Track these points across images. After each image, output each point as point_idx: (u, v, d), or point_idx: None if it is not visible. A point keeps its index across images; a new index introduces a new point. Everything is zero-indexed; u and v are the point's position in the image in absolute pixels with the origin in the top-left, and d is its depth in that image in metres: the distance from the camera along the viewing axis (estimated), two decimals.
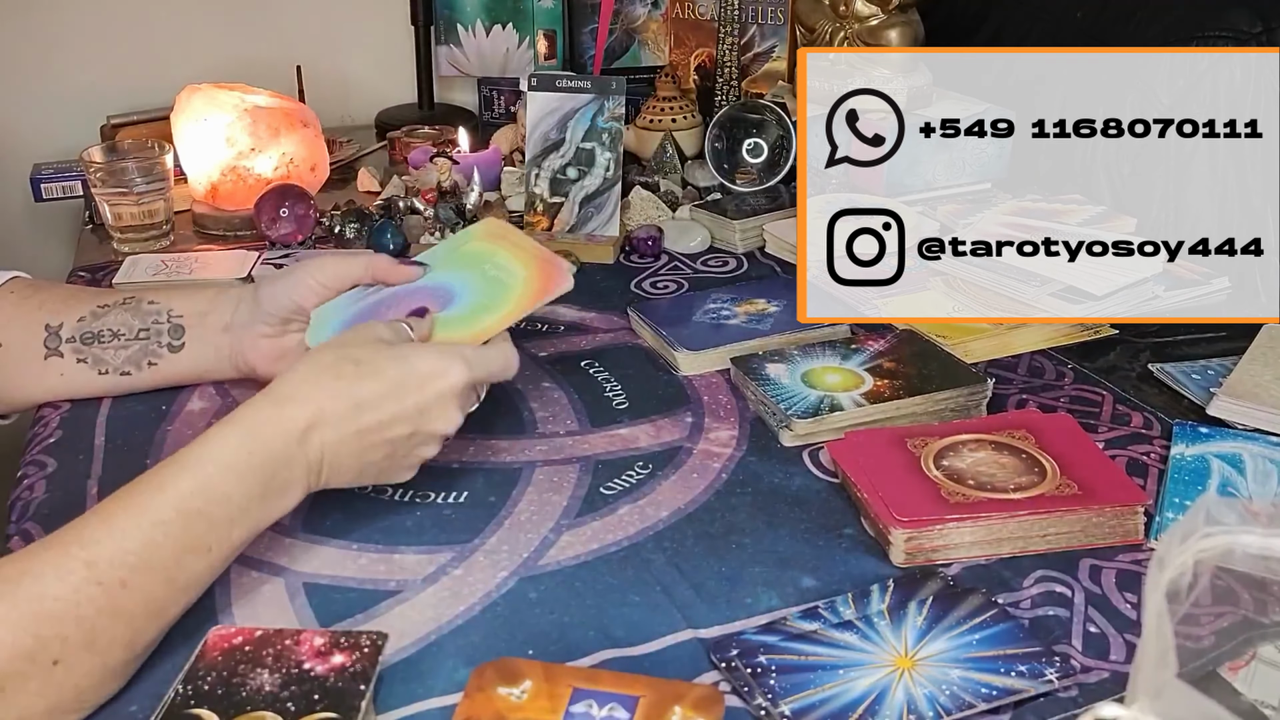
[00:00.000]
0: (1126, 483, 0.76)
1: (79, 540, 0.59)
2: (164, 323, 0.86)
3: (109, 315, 0.86)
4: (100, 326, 0.85)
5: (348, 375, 0.68)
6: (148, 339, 0.86)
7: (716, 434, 0.87)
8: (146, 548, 0.60)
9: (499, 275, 0.81)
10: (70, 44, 1.47)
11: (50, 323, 0.85)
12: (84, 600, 0.57)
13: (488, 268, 0.82)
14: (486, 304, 0.80)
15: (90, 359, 0.86)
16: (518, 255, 0.82)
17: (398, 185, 1.32)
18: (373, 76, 1.62)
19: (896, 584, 0.69)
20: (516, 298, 0.80)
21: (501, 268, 0.82)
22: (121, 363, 0.86)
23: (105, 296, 0.88)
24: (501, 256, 0.83)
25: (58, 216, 1.43)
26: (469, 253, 0.84)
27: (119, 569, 0.59)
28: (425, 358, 0.71)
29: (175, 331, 0.86)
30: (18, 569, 0.58)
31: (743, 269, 1.17)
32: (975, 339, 0.98)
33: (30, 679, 0.56)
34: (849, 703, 0.59)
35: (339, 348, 0.71)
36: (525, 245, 0.83)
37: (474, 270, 0.82)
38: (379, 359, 0.70)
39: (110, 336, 0.85)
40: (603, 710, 0.57)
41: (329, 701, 0.57)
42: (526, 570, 0.72)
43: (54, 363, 0.86)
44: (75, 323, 0.85)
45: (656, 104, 1.38)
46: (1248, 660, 0.58)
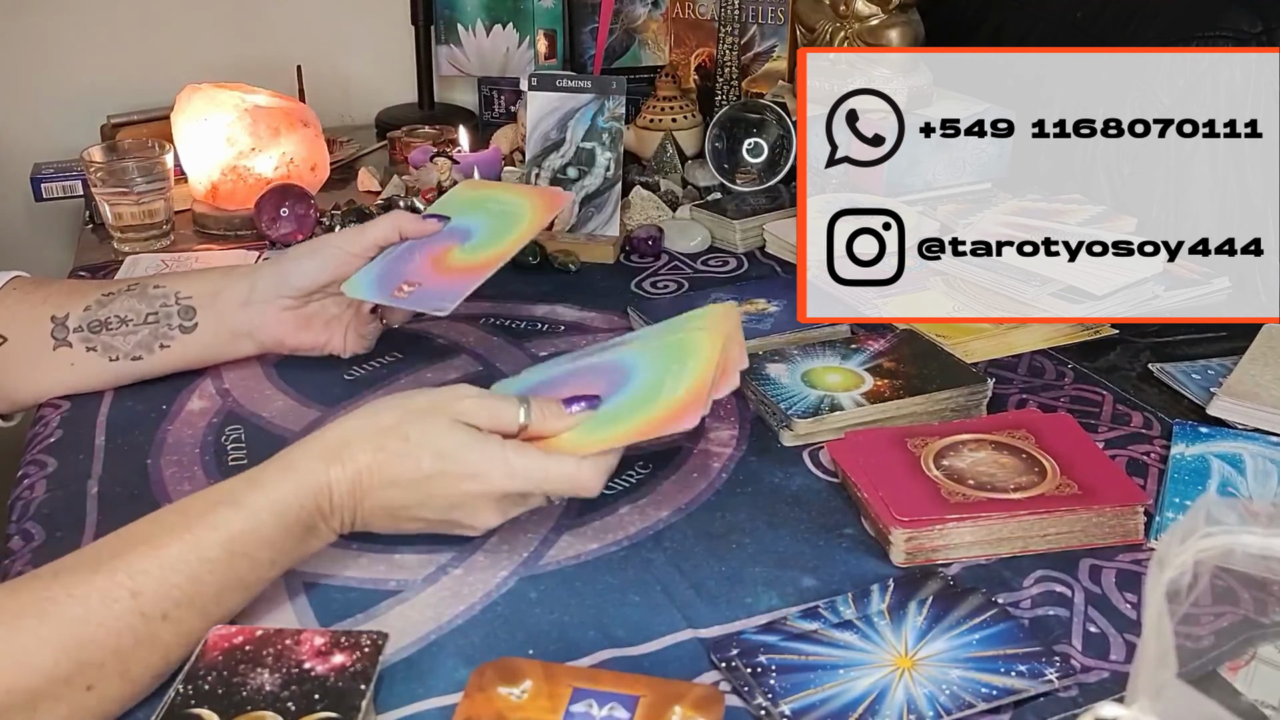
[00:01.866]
0: (1126, 483, 0.76)
1: (127, 569, 0.59)
2: (172, 305, 0.86)
3: (115, 302, 0.86)
4: (107, 314, 0.85)
5: (390, 450, 0.66)
6: (157, 322, 0.86)
7: (717, 434, 0.87)
8: (192, 583, 0.60)
9: (665, 383, 0.70)
10: (70, 44, 1.47)
11: (56, 314, 0.85)
12: (125, 630, 0.58)
13: (674, 368, 0.70)
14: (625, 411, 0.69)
15: (100, 346, 0.86)
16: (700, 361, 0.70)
17: (398, 185, 1.32)
18: (373, 76, 1.62)
19: (896, 584, 0.69)
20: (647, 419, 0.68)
21: (677, 376, 0.70)
22: (132, 348, 0.86)
23: (110, 285, 0.88)
24: (692, 354, 0.71)
25: (58, 216, 1.43)
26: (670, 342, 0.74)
27: (163, 602, 0.59)
28: (469, 458, 0.66)
29: (186, 313, 0.86)
30: (64, 590, 0.58)
31: (743, 269, 1.17)
32: (975, 339, 0.99)
33: (62, 702, 0.56)
34: (849, 702, 0.59)
35: (403, 412, 0.67)
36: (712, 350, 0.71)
37: (662, 364, 0.71)
38: (424, 449, 0.66)
39: (118, 323, 0.85)
40: (603, 710, 0.57)
41: (329, 701, 0.57)
42: (527, 570, 0.72)
43: (63, 353, 0.86)
44: (81, 312, 0.85)
45: (657, 104, 1.38)
46: (1248, 660, 0.58)
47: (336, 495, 0.65)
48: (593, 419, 0.69)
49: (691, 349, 0.71)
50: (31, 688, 0.55)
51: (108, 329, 0.86)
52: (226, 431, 0.86)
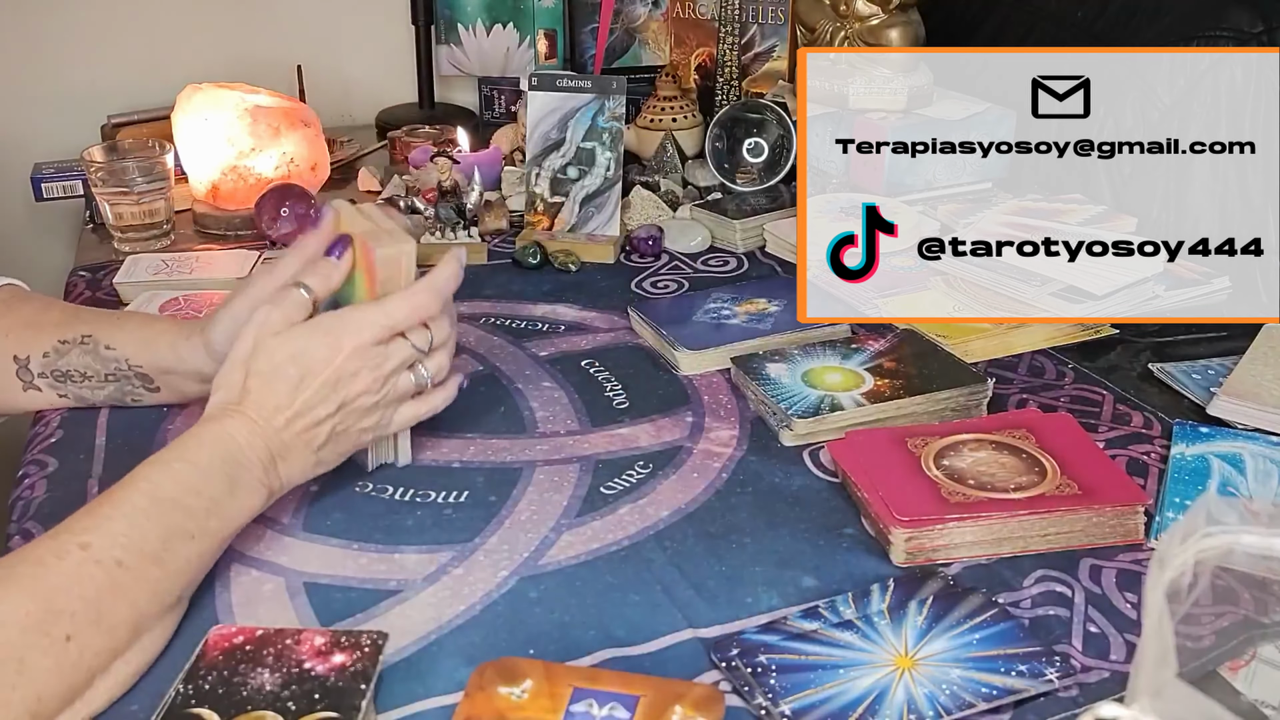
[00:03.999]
0: (1127, 482, 0.76)
1: (69, 529, 0.62)
2: (127, 370, 0.84)
3: (71, 355, 0.84)
4: (67, 365, 0.84)
5: (254, 389, 0.71)
6: (119, 381, 0.85)
7: (717, 433, 0.87)
8: (133, 530, 0.63)
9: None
10: (70, 44, 1.47)
11: (18, 355, 0.84)
12: (85, 578, 0.59)
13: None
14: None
15: (70, 395, 0.86)
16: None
17: (398, 185, 1.32)
18: (373, 76, 1.62)
19: (897, 583, 0.69)
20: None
21: None
22: (104, 399, 0.87)
23: (63, 329, 0.84)
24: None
25: (58, 216, 1.43)
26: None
27: (113, 549, 0.61)
28: (313, 343, 0.72)
29: (144, 379, 0.85)
30: (15, 558, 0.60)
31: (743, 268, 1.17)
32: (976, 339, 0.99)
33: (46, 654, 0.57)
34: (849, 702, 0.59)
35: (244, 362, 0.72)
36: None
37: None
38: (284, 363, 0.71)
39: (80, 377, 0.85)
40: (603, 709, 0.57)
41: (329, 701, 0.57)
42: (527, 570, 0.72)
43: (33, 394, 0.86)
44: (41, 358, 0.84)
45: (657, 103, 1.38)
46: (1248, 660, 0.58)
47: (235, 448, 0.69)
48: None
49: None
50: (8, 640, 0.56)
51: (72, 380, 0.85)
52: None
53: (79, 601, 0.59)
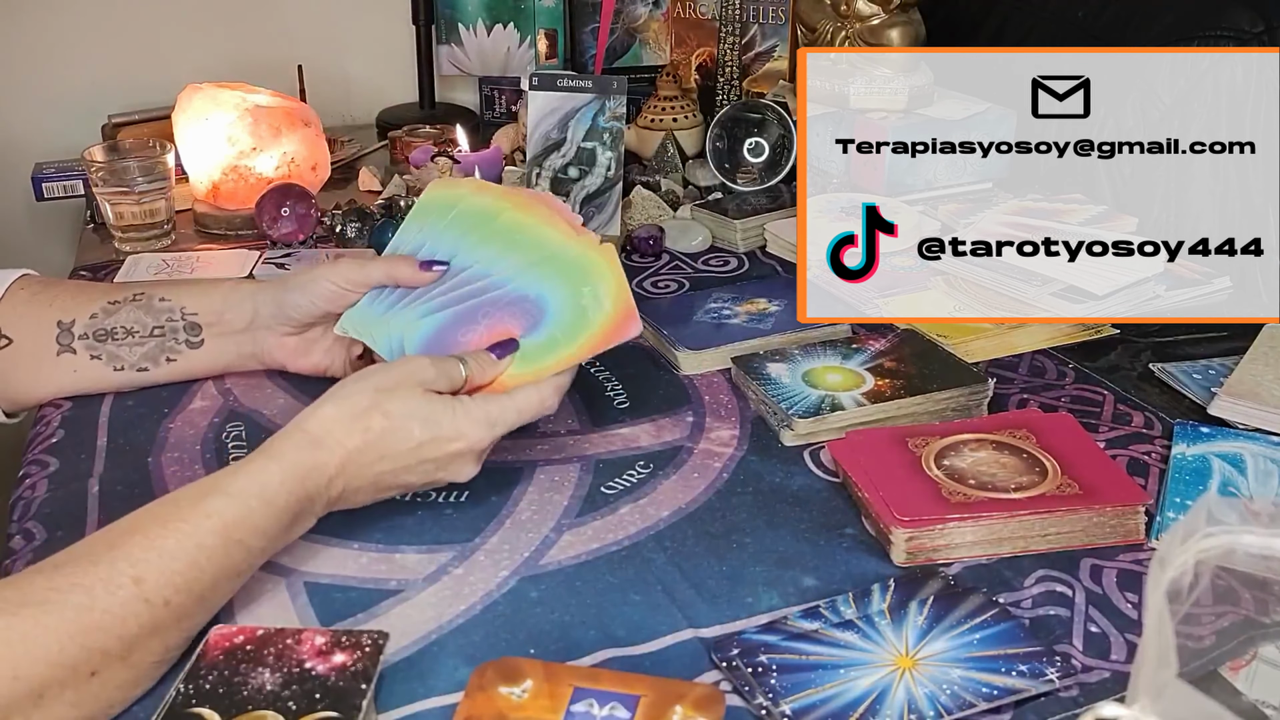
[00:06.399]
0: (1127, 482, 0.76)
1: (127, 558, 0.60)
2: (178, 320, 0.87)
3: (121, 312, 0.86)
4: (113, 324, 0.86)
5: (375, 430, 0.69)
6: (163, 336, 0.87)
7: (717, 433, 0.87)
8: (191, 569, 0.61)
9: (588, 305, 0.77)
10: (71, 44, 1.47)
11: (62, 319, 0.86)
12: (130, 616, 0.58)
13: (585, 291, 0.77)
14: (562, 337, 0.77)
15: (105, 355, 0.87)
16: (610, 280, 0.77)
17: (399, 184, 1.32)
18: (374, 76, 1.62)
19: (897, 583, 0.69)
20: (589, 338, 0.76)
21: (596, 296, 0.77)
22: (138, 359, 0.87)
23: (115, 292, 0.88)
24: (597, 275, 0.77)
25: (59, 216, 1.43)
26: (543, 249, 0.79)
27: (165, 589, 0.60)
28: (453, 422, 0.71)
29: (192, 329, 0.86)
30: (68, 581, 0.58)
31: (744, 268, 1.17)
32: (976, 338, 0.99)
33: (68, 688, 0.56)
34: (850, 702, 0.59)
35: (374, 393, 0.70)
36: (615, 267, 0.78)
37: (570, 289, 0.77)
38: (409, 421, 0.70)
39: (124, 334, 0.86)
40: (604, 709, 0.57)
41: (330, 701, 0.57)
42: (527, 569, 0.72)
43: (66, 359, 0.86)
44: (88, 319, 0.86)
45: (657, 103, 1.38)
46: (1249, 660, 0.58)
47: (323, 481, 0.68)
48: (524, 352, 0.76)
49: (589, 265, 0.78)
50: (38, 675, 0.55)
51: (113, 339, 0.86)
52: (228, 430, 0.86)
53: (115, 641, 0.58)
